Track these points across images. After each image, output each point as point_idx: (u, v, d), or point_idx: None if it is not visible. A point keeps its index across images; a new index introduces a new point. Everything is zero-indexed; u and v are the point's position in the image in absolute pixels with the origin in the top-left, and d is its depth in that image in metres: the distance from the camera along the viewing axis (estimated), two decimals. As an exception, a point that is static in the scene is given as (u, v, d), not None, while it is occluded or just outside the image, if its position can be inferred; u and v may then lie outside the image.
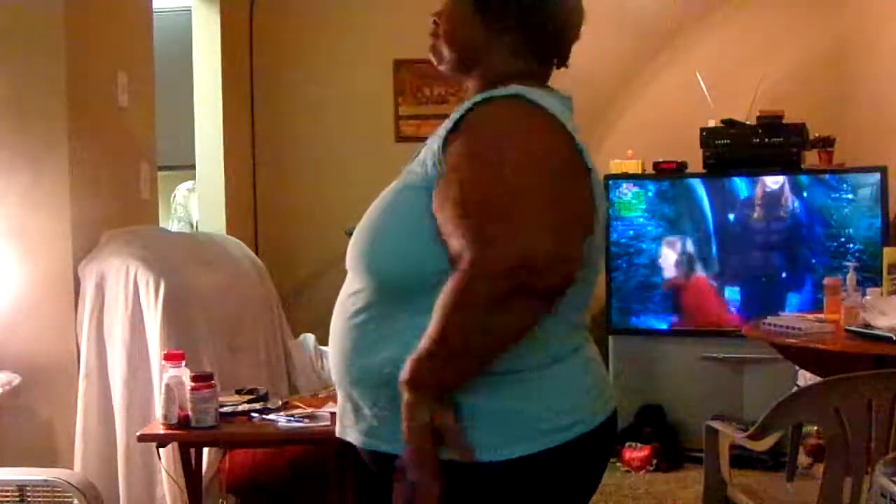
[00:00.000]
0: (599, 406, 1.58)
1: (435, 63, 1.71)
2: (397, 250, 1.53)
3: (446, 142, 1.52)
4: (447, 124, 1.55)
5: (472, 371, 1.45)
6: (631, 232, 4.58)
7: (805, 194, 4.42)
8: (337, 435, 1.65)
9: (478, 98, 1.55)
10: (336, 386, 1.64)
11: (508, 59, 1.63)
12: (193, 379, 2.66)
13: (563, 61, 1.69)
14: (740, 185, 4.48)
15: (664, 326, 4.58)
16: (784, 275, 4.44)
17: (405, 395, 1.43)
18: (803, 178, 4.44)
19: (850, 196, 4.36)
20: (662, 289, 4.57)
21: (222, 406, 2.75)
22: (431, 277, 1.48)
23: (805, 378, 3.96)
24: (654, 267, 4.56)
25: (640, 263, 4.57)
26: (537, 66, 1.65)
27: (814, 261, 4.36)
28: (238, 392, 2.93)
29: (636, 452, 4.38)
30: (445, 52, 1.68)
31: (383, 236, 1.56)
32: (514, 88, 1.53)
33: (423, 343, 1.42)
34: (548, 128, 1.51)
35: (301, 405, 2.85)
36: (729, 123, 4.54)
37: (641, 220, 4.56)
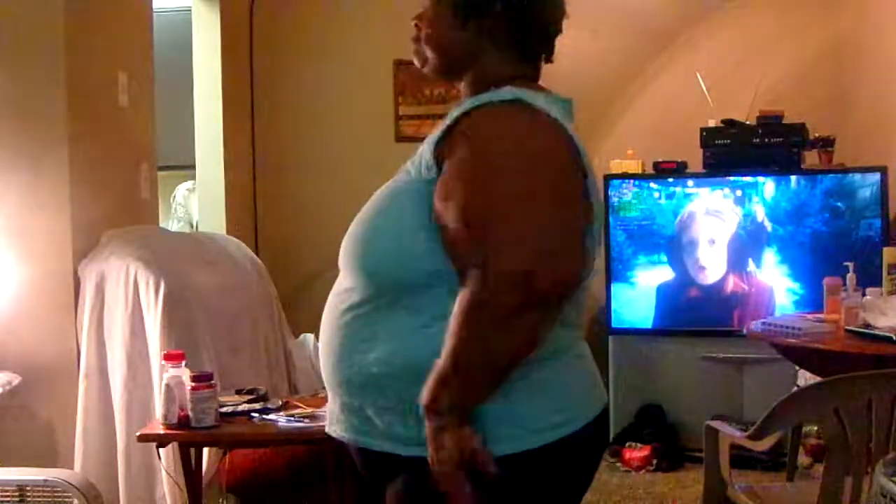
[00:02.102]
0: (587, 406, 1.57)
1: (419, 66, 1.68)
2: (390, 249, 1.52)
3: (439, 145, 1.51)
4: (437, 131, 1.54)
5: (489, 390, 1.44)
6: (630, 231, 4.57)
7: (805, 194, 4.42)
8: (326, 432, 1.64)
9: (475, 103, 1.53)
10: (325, 383, 1.63)
11: (498, 61, 1.61)
12: (193, 379, 2.66)
13: (549, 56, 1.67)
14: (740, 185, 4.48)
15: (664, 326, 4.57)
16: (784, 274, 4.44)
17: (427, 422, 1.43)
18: (803, 179, 4.44)
19: (849, 196, 4.36)
20: (662, 288, 4.56)
21: (222, 406, 2.75)
22: (424, 277, 1.49)
23: (805, 378, 3.95)
24: (654, 266, 4.56)
25: (640, 263, 4.56)
26: (527, 64, 1.63)
27: (814, 261, 4.35)
28: (238, 392, 2.93)
29: (636, 452, 4.38)
30: (430, 56, 1.65)
31: (377, 235, 1.55)
32: (511, 92, 1.52)
33: (440, 366, 1.41)
34: (549, 132, 1.50)
35: (301, 405, 2.84)
36: (729, 123, 4.53)
37: (641, 220, 4.56)
